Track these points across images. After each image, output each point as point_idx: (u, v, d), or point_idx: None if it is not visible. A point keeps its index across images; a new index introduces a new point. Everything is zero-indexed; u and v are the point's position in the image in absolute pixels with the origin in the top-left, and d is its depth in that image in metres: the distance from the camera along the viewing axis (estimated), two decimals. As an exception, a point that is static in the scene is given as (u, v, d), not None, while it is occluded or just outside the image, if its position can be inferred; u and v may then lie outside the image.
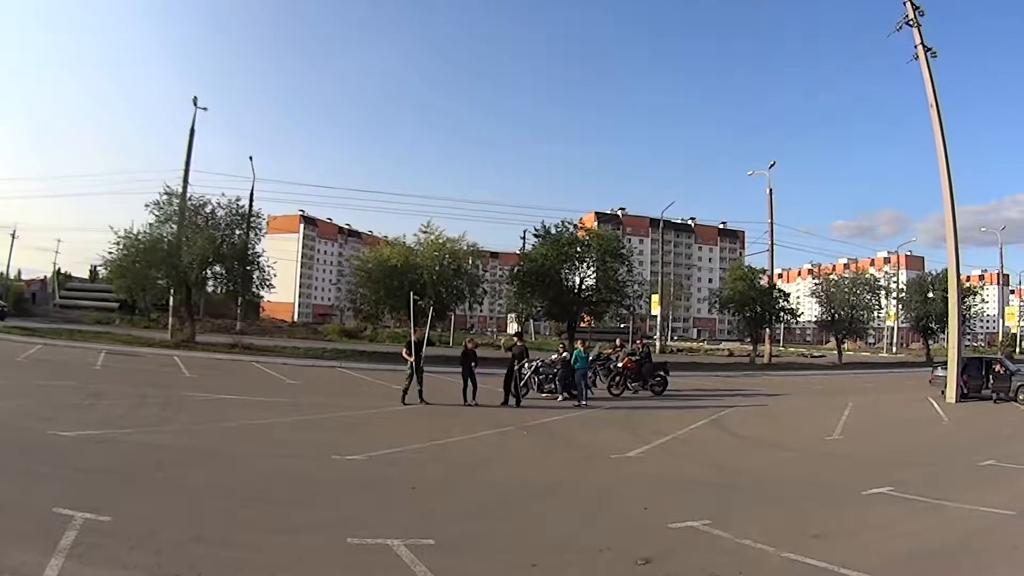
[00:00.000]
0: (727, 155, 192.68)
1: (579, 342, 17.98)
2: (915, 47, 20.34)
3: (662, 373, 19.13)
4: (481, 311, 78.23)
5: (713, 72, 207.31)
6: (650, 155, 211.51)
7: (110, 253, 27.34)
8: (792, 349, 66.98)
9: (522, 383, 16.20)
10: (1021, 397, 18.54)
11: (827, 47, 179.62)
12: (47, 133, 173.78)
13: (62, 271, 73.93)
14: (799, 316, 43.74)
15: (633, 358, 18.96)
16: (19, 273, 73.61)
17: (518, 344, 15.94)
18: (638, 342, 21.92)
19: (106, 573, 4.11)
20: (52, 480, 6.33)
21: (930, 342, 49.83)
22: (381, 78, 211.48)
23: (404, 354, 14.70)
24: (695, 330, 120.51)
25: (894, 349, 69.43)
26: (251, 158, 37.11)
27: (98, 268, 49.31)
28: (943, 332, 43.34)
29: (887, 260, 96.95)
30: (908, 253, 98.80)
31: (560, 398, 16.19)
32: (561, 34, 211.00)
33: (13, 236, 63.75)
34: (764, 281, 40.03)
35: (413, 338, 14.66)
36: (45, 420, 9.42)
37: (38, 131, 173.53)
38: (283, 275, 43.81)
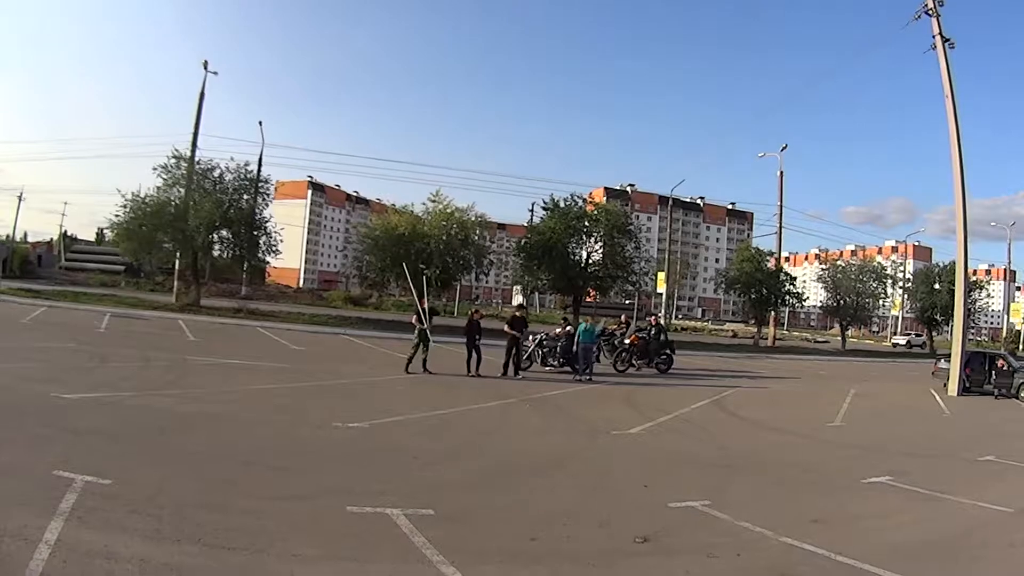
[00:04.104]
0: (739, 135, 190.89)
1: (587, 317, 17.95)
2: (933, 37, 19.97)
3: (668, 352, 19.14)
4: (487, 282, 78.14)
5: (728, 51, 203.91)
6: (661, 133, 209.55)
7: (117, 216, 27.37)
8: (796, 333, 66.86)
9: (525, 356, 16.22)
10: (1023, 394, 18.49)
11: (846, 30, 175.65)
12: (56, 96, 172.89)
13: (68, 234, 74.21)
14: (805, 300, 43.58)
15: (640, 335, 18.96)
16: (25, 235, 73.64)
17: (518, 315, 15.88)
18: (649, 319, 21.88)
19: (106, 537, 4.11)
20: (53, 442, 6.35)
21: (934, 333, 49.61)
22: (393, 46, 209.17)
23: (414, 320, 14.72)
24: (700, 309, 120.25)
25: (898, 338, 69.14)
26: (260, 123, 36.88)
27: (104, 231, 49.48)
28: (947, 324, 43.11)
29: (895, 249, 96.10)
30: (916, 243, 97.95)
31: (573, 375, 16.07)
32: (577, 8, 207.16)
33: (20, 198, 63.96)
34: (771, 264, 39.82)
35: (424, 305, 14.65)
36: (48, 382, 9.44)
37: (47, 94, 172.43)
38: (289, 241, 43.80)
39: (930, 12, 19.95)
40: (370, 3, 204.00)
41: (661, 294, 49.61)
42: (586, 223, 32.08)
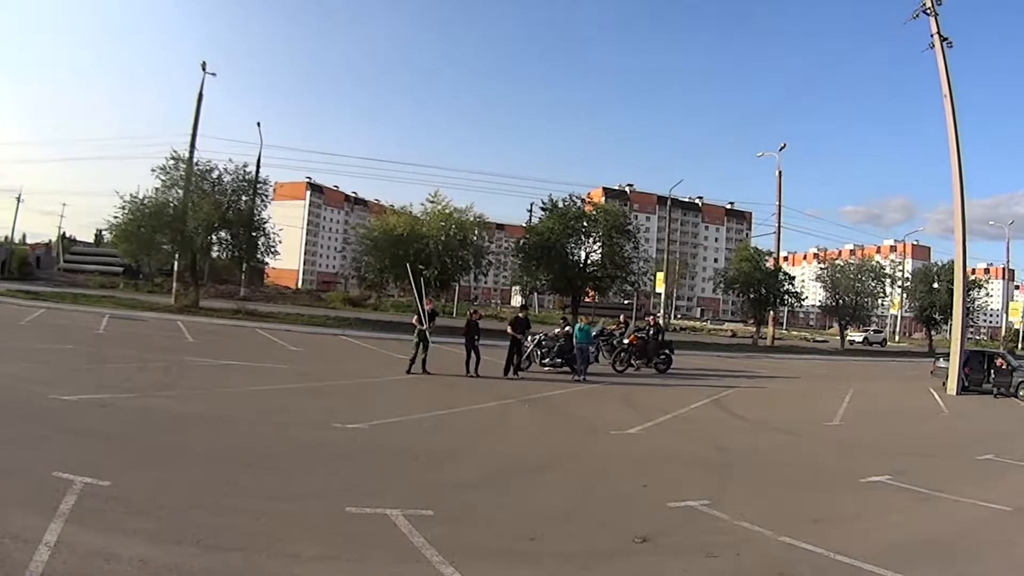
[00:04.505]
0: (738, 134, 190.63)
1: (582, 317, 18.03)
2: (931, 36, 20.02)
3: (667, 351, 19.15)
4: (486, 283, 78.24)
5: (727, 50, 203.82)
6: (660, 132, 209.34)
7: (115, 217, 27.24)
8: (795, 333, 66.88)
9: (524, 356, 16.23)
10: (1022, 393, 18.55)
11: (846, 29, 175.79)
12: (55, 97, 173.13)
13: (67, 235, 74.14)
14: (803, 300, 43.57)
15: (639, 335, 18.97)
16: (24, 237, 73.59)
17: (520, 316, 15.93)
18: (648, 319, 21.91)
19: (106, 538, 4.11)
20: (53, 444, 6.35)
21: (933, 333, 49.61)
22: (391, 47, 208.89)
23: (414, 321, 14.71)
24: (699, 309, 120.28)
25: (896, 338, 69.23)
26: (259, 124, 37.01)
27: (103, 232, 49.31)
28: (946, 323, 43.11)
29: (893, 248, 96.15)
30: (915, 242, 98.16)
31: (572, 375, 16.08)
32: (577, 6, 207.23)
33: (18, 200, 63.98)
34: (770, 263, 39.85)
35: (426, 307, 14.64)
36: (47, 384, 9.42)
37: (46, 95, 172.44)
38: (288, 242, 43.76)
39: (928, 11, 20.00)
40: (370, 2, 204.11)
41: (660, 294, 49.65)
42: (585, 223, 32.16)
